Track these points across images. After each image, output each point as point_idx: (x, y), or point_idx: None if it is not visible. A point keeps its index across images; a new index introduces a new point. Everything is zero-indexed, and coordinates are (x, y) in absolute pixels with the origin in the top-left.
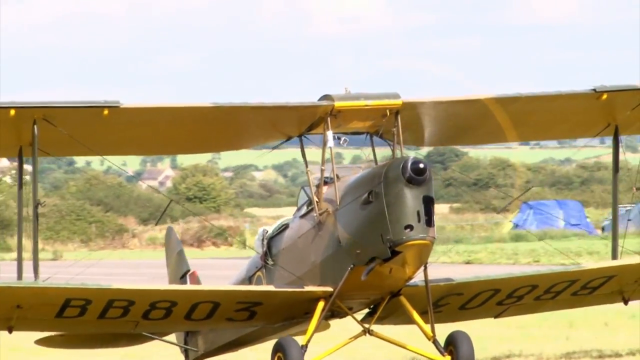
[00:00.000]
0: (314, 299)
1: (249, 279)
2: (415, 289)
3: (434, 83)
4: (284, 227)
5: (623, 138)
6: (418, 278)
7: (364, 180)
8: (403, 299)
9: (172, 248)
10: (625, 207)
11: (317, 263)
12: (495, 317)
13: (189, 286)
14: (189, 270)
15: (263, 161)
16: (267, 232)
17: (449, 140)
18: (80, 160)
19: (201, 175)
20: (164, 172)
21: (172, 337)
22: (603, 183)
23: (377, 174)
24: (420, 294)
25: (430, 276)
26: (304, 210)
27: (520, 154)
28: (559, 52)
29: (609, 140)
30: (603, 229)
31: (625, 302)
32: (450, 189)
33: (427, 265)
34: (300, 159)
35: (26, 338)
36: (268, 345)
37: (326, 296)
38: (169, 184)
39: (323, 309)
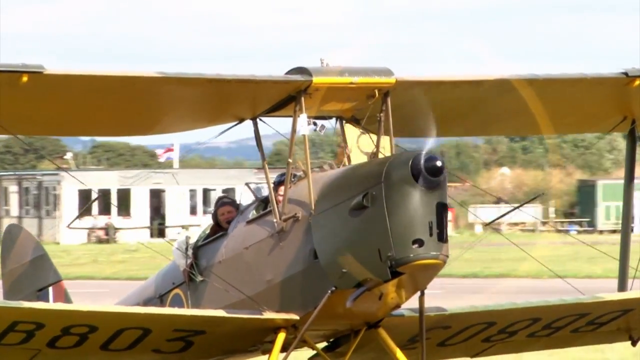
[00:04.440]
0: (272, 328)
1: (160, 299)
2: (397, 319)
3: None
4: (220, 235)
5: None
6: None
7: (354, 178)
8: (382, 331)
9: (19, 253)
10: None
11: (276, 283)
12: (473, 356)
13: (115, 308)
14: (58, 281)
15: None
16: (191, 238)
17: (442, 130)
18: None
19: None
20: None
21: None
22: None
23: (374, 171)
24: (402, 326)
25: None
26: (250, 214)
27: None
28: None
29: None
30: None
31: (634, 343)
32: None
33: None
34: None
35: None
36: None
37: (288, 326)
38: None
39: (284, 342)
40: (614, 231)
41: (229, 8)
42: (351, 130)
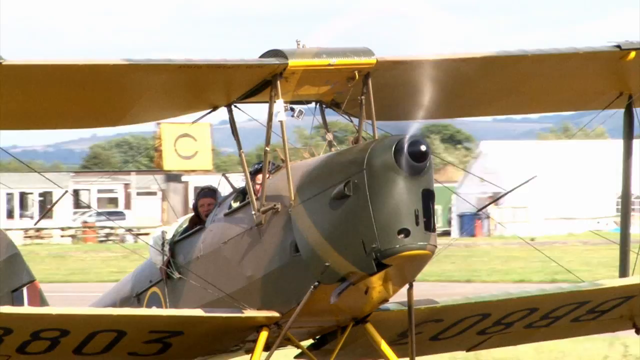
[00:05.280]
0: (254, 327)
1: (137, 298)
2: (386, 314)
3: None
4: (197, 229)
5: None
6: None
7: (334, 166)
8: (370, 327)
9: None
10: None
11: (257, 279)
12: (468, 350)
13: (86, 310)
14: (32, 281)
15: None
16: (167, 233)
17: (426, 113)
18: None
19: None
20: None
21: None
22: None
23: (356, 158)
24: (391, 320)
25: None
26: (228, 206)
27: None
28: None
29: None
30: None
31: (638, 330)
32: None
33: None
34: None
35: None
36: None
37: (270, 324)
38: None
39: (267, 341)
40: None
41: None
42: None
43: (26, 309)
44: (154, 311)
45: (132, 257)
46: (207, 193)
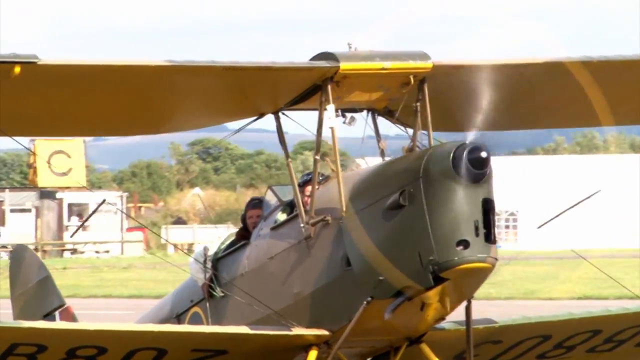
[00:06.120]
0: (302, 346)
1: (177, 319)
2: (441, 333)
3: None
4: (242, 245)
5: None
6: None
7: (389, 175)
8: (425, 347)
9: (26, 275)
10: None
11: (305, 295)
12: None
13: (126, 326)
14: (62, 305)
15: None
16: (210, 250)
17: (485, 122)
18: None
19: None
20: None
21: None
22: None
23: (411, 166)
24: (446, 341)
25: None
26: (275, 219)
27: None
28: None
29: None
30: None
31: None
32: None
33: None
34: None
35: None
36: None
37: (320, 343)
38: None
39: None
40: None
41: None
42: None
43: (61, 324)
44: (197, 328)
45: (5, 273)
46: (257, 204)
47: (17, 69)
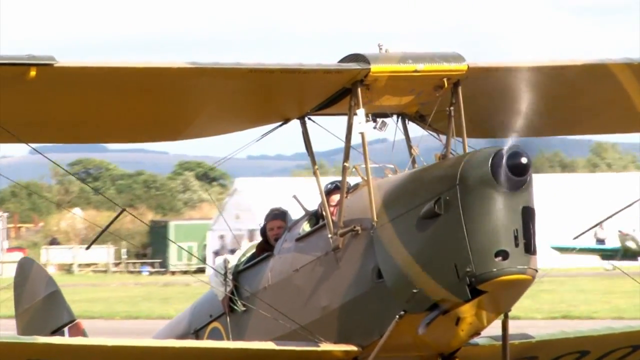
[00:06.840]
0: None
1: (195, 334)
2: (475, 349)
3: None
4: (264, 257)
5: None
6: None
7: (423, 182)
8: None
9: (32, 289)
10: None
11: (333, 309)
12: None
13: (144, 342)
14: (73, 321)
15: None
16: (230, 262)
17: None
18: None
19: None
20: None
21: None
22: None
23: (447, 173)
24: (480, 356)
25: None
26: (301, 229)
27: None
28: None
29: None
30: None
31: None
32: None
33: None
34: None
35: None
36: None
37: (349, 359)
38: None
39: None
40: (185, 272)
41: None
42: None
43: (78, 339)
44: (221, 343)
45: None
46: (278, 215)
47: (33, 72)
